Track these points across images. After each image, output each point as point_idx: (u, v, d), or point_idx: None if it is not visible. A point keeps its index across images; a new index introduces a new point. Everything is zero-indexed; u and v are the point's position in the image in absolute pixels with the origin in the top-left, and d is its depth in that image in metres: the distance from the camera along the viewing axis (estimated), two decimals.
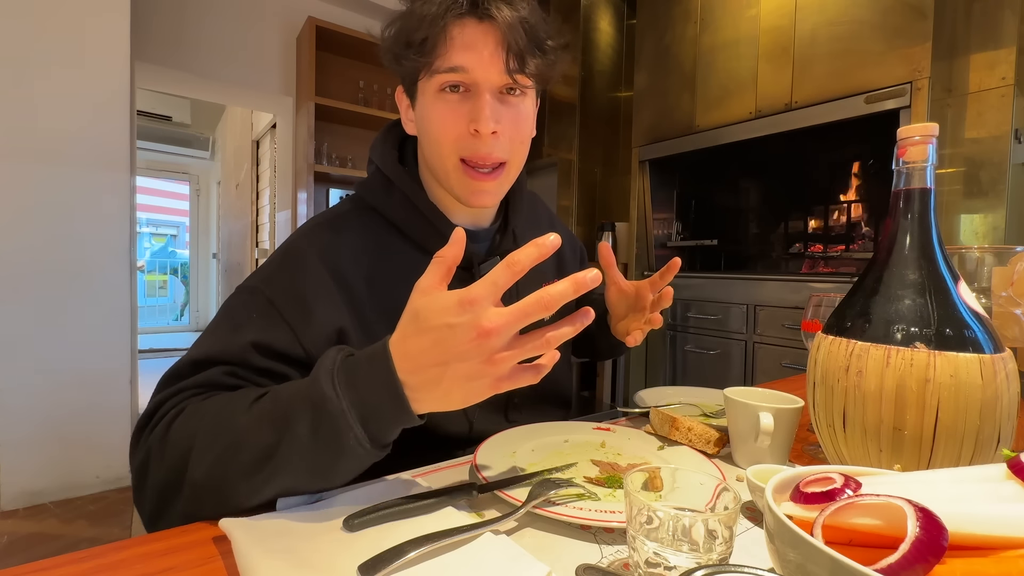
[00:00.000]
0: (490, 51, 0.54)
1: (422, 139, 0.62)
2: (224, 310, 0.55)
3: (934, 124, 0.45)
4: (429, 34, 0.54)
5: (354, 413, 0.39)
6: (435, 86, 0.56)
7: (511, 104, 0.58)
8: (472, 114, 0.56)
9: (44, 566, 0.35)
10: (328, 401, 0.39)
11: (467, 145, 0.57)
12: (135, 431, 0.48)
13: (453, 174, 0.59)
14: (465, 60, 0.54)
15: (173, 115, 4.97)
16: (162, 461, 0.44)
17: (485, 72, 0.55)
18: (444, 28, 0.54)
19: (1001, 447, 0.42)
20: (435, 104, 0.57)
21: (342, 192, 3.05)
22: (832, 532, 0.26)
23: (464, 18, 0.54)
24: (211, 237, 6.18)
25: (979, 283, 0.67)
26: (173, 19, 2.57)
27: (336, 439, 0.39)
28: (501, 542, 0.37)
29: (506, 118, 0.57)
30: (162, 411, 0.47)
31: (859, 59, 1.93)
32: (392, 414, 0.40)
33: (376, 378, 0.39)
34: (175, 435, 0.44)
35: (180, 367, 0.51)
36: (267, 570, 0.33)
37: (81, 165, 1.89)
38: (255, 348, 0.51)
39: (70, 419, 1.90)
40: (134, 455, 0.48)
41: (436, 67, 0.55)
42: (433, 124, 0.58)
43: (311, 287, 0.55)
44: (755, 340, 2.26)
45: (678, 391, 0.83)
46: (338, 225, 0.62)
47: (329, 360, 0.41)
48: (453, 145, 0.57)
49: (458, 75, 0.55)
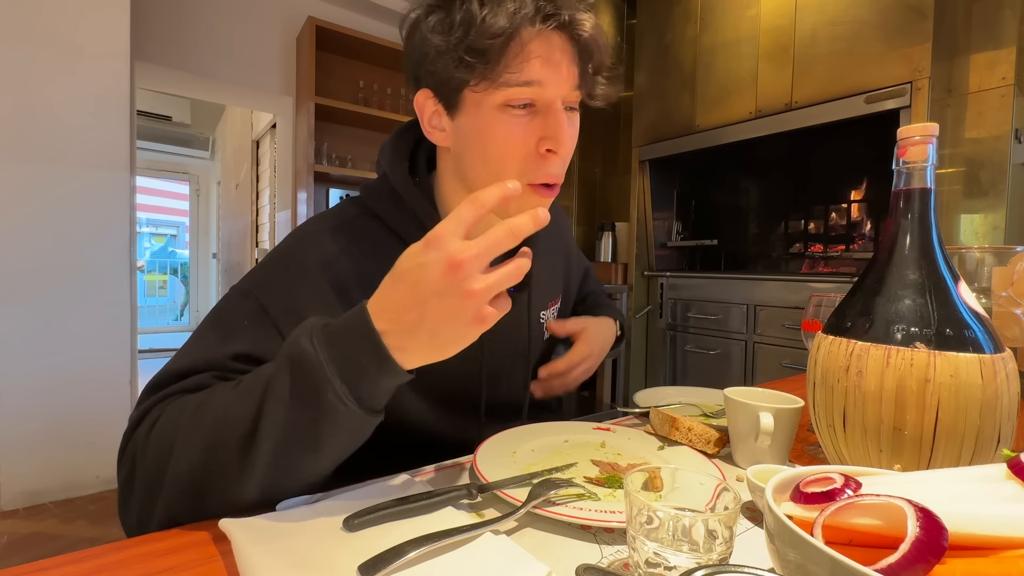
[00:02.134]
0: (566, 67, 0.50)
1: (467, 156, 0.55)
2: (215, 315, 0.53)
3: (934, 124, 0.45)
4: (498, 43, 0.48)
5: (333, 367, 0.38)
6: (499, 100, 0.50)
7: (571, 122, 0.54)
8: (545, 132, 0.51)
9: (44, 566, 0.35)
10: (304, 354, 0.38)
11: (536, 167, 0.52)
12: (121, 444, 0.46)
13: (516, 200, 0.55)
14: (542, 75, 0.49)
15: (173, 115, 4.96)
16: (144, 461, 0.43)
17: (559, 87, 0.50)
18: (520, 38, 0.48)
19: (1001, 447, 0.42)
20: (499, 120, 0.51)
21: (342, 192, 3.05)
22: (832, 532, 0.26)
23: (541, 28, 0.49)
24: (211, 237, 6.18)
25: (979, 283, 0.67)
26: (173, 19, 2.57)
27: (315, 395, 0.38)
28: (501, 542, 0.37)
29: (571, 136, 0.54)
30: (147, 419, 0.45)
31: (859, 59, 1.93)
32: (374, 366, 0.38)
33: (353, 331, 0.38)
34: (158, 433, 0.43)
35: (164, 377, 0.48)
36: (267, 570, 0.33)
37: (81, 165, 1.89)
38: (245, 359, 0.49)
39: (70, 419, 1.90)
40: (120, 468, 0.45)
41: (506, 80, 0.49)
42: (496, 143, 0.52)
43: (308, 297, 0.52)
44: (755, 340, 2.26)
45: (678, 391, 0.83)
46: (340, 231, 0.58)
47: (308, 322, 0.41)
48: (520, 166, 0.52)
49: (532, 90, 0.50)
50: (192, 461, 0.40)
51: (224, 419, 0.40)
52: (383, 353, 0.38)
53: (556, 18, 0.49)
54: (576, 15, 0.50)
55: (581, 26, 0.50)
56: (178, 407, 0.44)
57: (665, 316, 2.66)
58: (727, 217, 2.97)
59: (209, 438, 0.40)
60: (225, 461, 0.40)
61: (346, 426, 0.40)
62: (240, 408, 0.40)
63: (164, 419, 0.43)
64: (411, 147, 0.63)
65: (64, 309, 1.88)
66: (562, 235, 0.83)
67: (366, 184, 0.64)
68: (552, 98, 0.51)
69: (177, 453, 0.41)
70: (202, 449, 0.40)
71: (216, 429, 0.40)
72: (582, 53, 0.52)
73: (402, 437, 0.58)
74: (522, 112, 0.51)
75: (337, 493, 0.45)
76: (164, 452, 0.41)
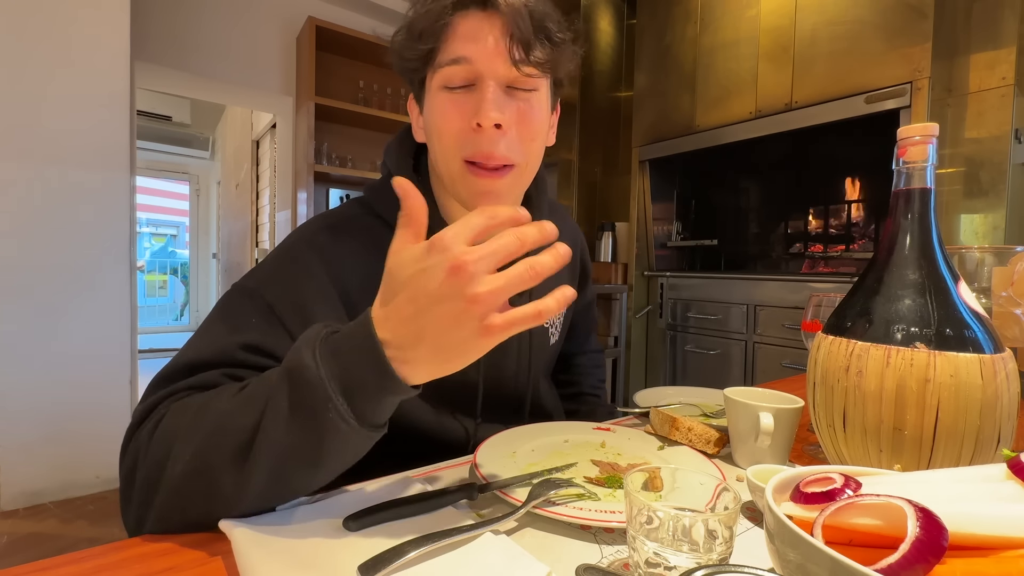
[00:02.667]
0: (495, 41, 0.51)
1: (429, 144, 0.58)
2: (220, 310, 0.52)
3: (934, 124, 0.45)
4: (431, 27, 0.51)
5: (335, 384, 0.36)
6: (439, 83, 0.53)
7: (519, 99, 0.54)
8: (474, 107, 0.52)
9: (44, 566, 0.35)
10: (306, 369, 0.36)
11: (470, 141, 0.53)
12: (124, 439, 0.45)
13: (458, 177, 0.55)
14: (468, 51, 0.51)
15: (173, 115, 4.96)
16: (145, 461, 0.42)
17: (489, 63, 0.51)
18: (447, 20, 0.51)
19: (1001, 447, 0.42)
20: (437, 101, 0.54)
21: (342, 192, 3.05)
22: (832, 532, 0.26)
23: (467, 8, 0.52)
24: (211, 237, 6.18)
25: (979, 283, 0.67)
26: (173, 19, 2.57)
27: (315, 411, 0.36)
28: (501, 542, 0.37)
29: (512, 112, 0.53)
30: (153, 415, 0.44)
31: (859, 59, 1.93)
32: (375, 382, 0.36)
33: (356, 345, 0.36)
34: (160, 433, 0.42)
35: (172, 369, 0.47)
36: (267, 570, 0.33)
37: (81, 165, 1.89)
38: (255, 351, 0.48)
39: (70, 419, 1.90)
40: (122, 463, 0.44)
41: (439, 61, 0.52)
42: (435, 121, 0.54)
43: (312, 296, 0.52)
44: (755, 340, 2.26)
45: (678, 391, 0.83)
46: (343, 230, 0.58)
47: (313, 332, 0.39)
48: (455, 142, 0.53)
49: (461, 67, 0.51)
50: (187, 466, 0.39)
51: (222, 428, 0.39)
52: (386, 369, 0.36)
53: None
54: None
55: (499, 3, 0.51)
56: (182, 407, 0.43)
57: (665, 316, 2.66)
58: (727, 217, 2.97)
59: (205, 444, 0.39)
60: (219, 469, 0.38)
61: (347, 443, 0.38)
62: (239, 417, 0.39)
63: (168, 419, 0.43)
64: (415, 147, 0.64)
65: (64, 309, 1.88)
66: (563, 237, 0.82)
67: (370, 184, 0.64)
68: (481, 72, 0.51)
69: (174, 456, 0.40)
70: (197, 455, 0.39)
71: (213, 437, 0.39)
72: (509, 28, 0.51)
73: (402, 437, 0.58)
74: (459, 92, 0.53)
75: (337, 493, 0.45)
76: (164, 454, 0.40)
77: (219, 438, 0.39)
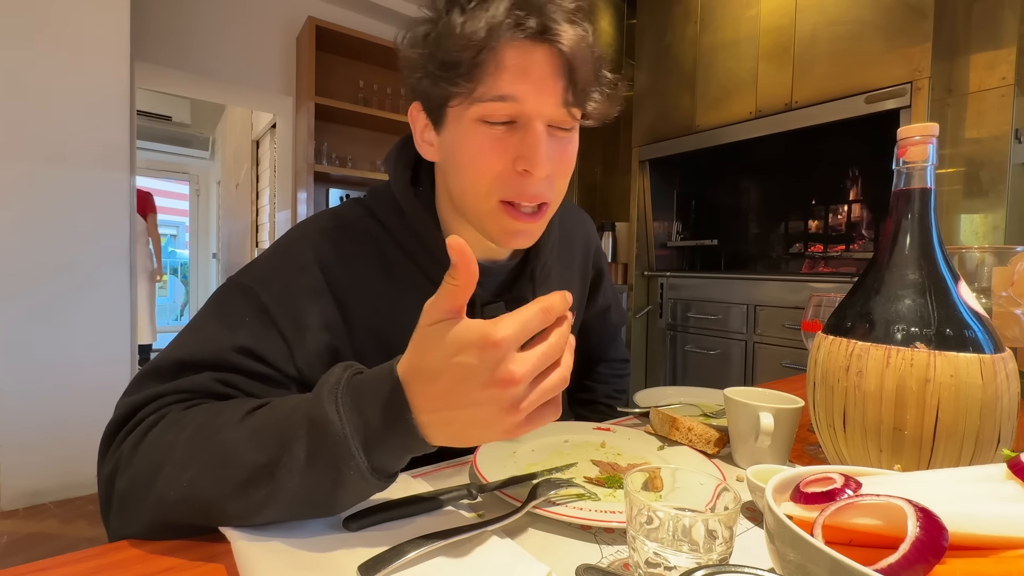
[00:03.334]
0: (547, 79, 0.46)
1: (450, 171, 0.53)
2: (214, 306, 0.50)
3: (934, 124, 0.45)
4: (469, 56, 0.45)
5: (357, 440, 0.35)
6: (475, 115, 0.48)
7: (560, 140, 0.50)
8: (521, 151, 0.47)
9: (44, 566, 0.35)
10: (330, 424, 0.35)
11: (511, 185, 0.49)
12: (104, 438, 0.43)
13: (489, 215, 0.51)
14: (516, 89, 0.46)
15: (173, 115, 4.96)
16: (128, 470, 0.40)
17: (539, 104, 0.47)
18: (494, 49, 0.45)
19: (1001, 447, 0.42)
20: (473, 135, 0.48)
21: (342, 192, 3.04)
22: (832, 532, 0.26)
23: (519, 38, 0.45)
24: (211, 237, 6.18)
25: (979, 283, 0.67)
26: (173, 19, 2.56)
27: (335, 465, 0.35)
28: (501, 542, 0.37)
29: (556, 156, 0.50)
30: (138, 416, 0.42)
31: (859, 59, 1.93)
32: (399, 442, 0.35)
33: (382, 401, 0.35)
34: (148, 445, 0.40)
35: (161, 365, 0.45)
36: (267, 570, 0.33)
37: (81, 165, 1.89)
38: (248, 354, 0.47)
39: (70, 419, 1.90)
40: (102, 465, 0.42)
41: (479, 94, 0.46)
42: (469, 158, 0.49)
43: (306, 298, 0.51)
44: (755, 340, 2.26)
45: (678, 391, 0.83)
46: (342, 233, 0.57)
47: (335, 376, 0.37)
48: (493, 184, 0.49)
49: (507, 105, 0.46)
50: (183, 492, 0.37)
51: (226, 462, 0.37)
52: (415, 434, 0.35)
53: (530, 28, 0.45)
54: (554, 24, 0.45)
55: (561, 36, 0.45)
56: (175, 422, 0.40)
57: (665, 316, 2.65)
58: (727, 217, 2.97)
59: (207, 476, 0.37)
60: (220, 500, 0.37)
61: (360, 494, 0.38)
62: (246, 453, 0.37)
63: (157, 432, 0.40)
64: (415, 156, 0.61)
65: (64, 309, 1.88)
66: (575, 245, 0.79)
67: (374, 187, 0.62)
68: (531, 114, 0.47)
69: (167, 478, 0.38)
70: (195, 483, 0.37)
71: (217, 470, 0.37)
72: (567, 66, 0.46)
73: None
74: (500, 128, 0.48)
75: None
76: (151, 470, 0.38)
77: (223, 471, 0.37)
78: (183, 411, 0.42)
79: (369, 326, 0.55)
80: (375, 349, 0.55)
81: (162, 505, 0.38)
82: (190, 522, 0.38)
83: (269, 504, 0.36)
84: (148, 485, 0.38)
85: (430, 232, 0.57)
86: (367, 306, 0.55)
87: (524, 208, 0.51)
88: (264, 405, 0.40)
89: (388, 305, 0.56)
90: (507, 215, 0.51)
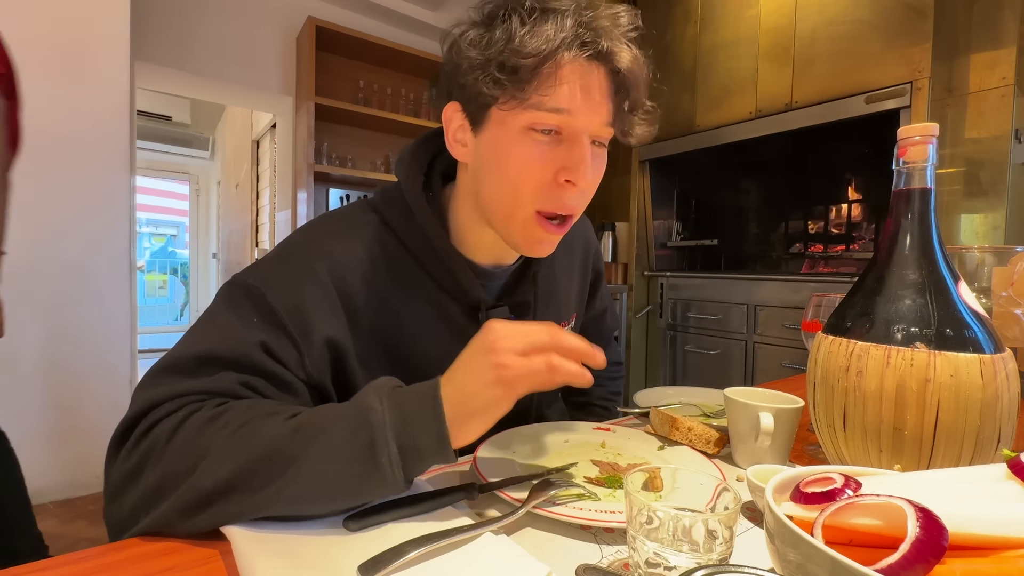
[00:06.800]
0: (600, 97, 0.49)
1: (483, 174, 0.53)
2: (223, 303, 0.50)
3: (934, 124, 0.45)
4: (533, 64, 0.46)
5: (393, 432, 0.39)
6: (524, 122, 0.49)
7: (597, 156, 0.52)
8: (567, 163, 0.49)
9: (44, 566, 0.35)
10: (372, 412, 0.39)
11: (553, 195, 0.51)
12: (120, 433, 0.43)
13: (521, 224, 0.53)
14: (571, 103, 0.48)
15: (173, 115, 4.96)
16: (159, 465, 0.40)
17: (589, 120, 0.49)
18: (558, 61, 0.47)
19: (1001, 447, 0.42)
20: (520, 142, 0.50)
21: (342, 192, 3.04)
22: (832, 532, 0.26)
23: (579, 54, 0.47)
24: (211, 237, 6.18)
25: (979, 283, 0.67)
26: (173, 19, 2.56)
27: (371, 449, 0.38)
28: (501, 542, 0.37)
29: (595, 171, 0.52)
30: (160, 411, 0.42)
31: (859, 59, 1.93)
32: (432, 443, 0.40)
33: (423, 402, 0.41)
34: (184, 441, 0.40)
35: (179, 360, 0.45)
36: (267, 570, 0.33)
37: (81, 165, 1.89)
38: (268, 352, 0.47)
39: (70, 419, 1.90)
40: (121, 460, 0.42)
41: (535, 102, 0.48)
42: (514, 166, 0.50)
43: (313, 302, 0.51)
44: (755, 340, 2.26)
45: (678, 391, 0.83)
46: (349, 235, 0.56)
47: (380, 382, 0.42)
48: (534, 193, 0.51)
49: (559, 117, 0.48)
50: (224, 483, 0.38)
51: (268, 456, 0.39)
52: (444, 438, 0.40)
53: (594, 47, 0.47)
54: (615, 46, 0.48)
55: (619, 58, 0.48)
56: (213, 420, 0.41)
57: (665, 316, 2.65)
58: (727, 217, 2.97)
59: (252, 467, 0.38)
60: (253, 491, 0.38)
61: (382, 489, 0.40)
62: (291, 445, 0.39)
63: (192, 428, 0.40)
64: (429, 159, 0.61)
65: (64, 309, 1.88)
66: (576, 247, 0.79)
67: (383, 188, 0.61)
68: (580, 128, 0.49)
69: (204, 469, 0.38)
70: (239, 473, 0.38)
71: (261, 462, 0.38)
72: (619, 87, 0.50)
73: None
74: (545, 138, 0.49)
75: None
76: (187, 463, 0.39)
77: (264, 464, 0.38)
78: (216, 408, 0.42)
79: (375, 331, 0.55)
80: (381, 353, 0.55)
81: (190, 492, 0.38)
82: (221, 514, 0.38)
83: (293, 489, 0.38)
84: (180, 477, 0.39)
85: (439, 238, 0.57)
86: (373, 310, 0.55)
87: (554, 220, 0.53)
88: (307, 411, 0.42)
89: (395, 310, 0.56)
90: (539, 226, 0.53)
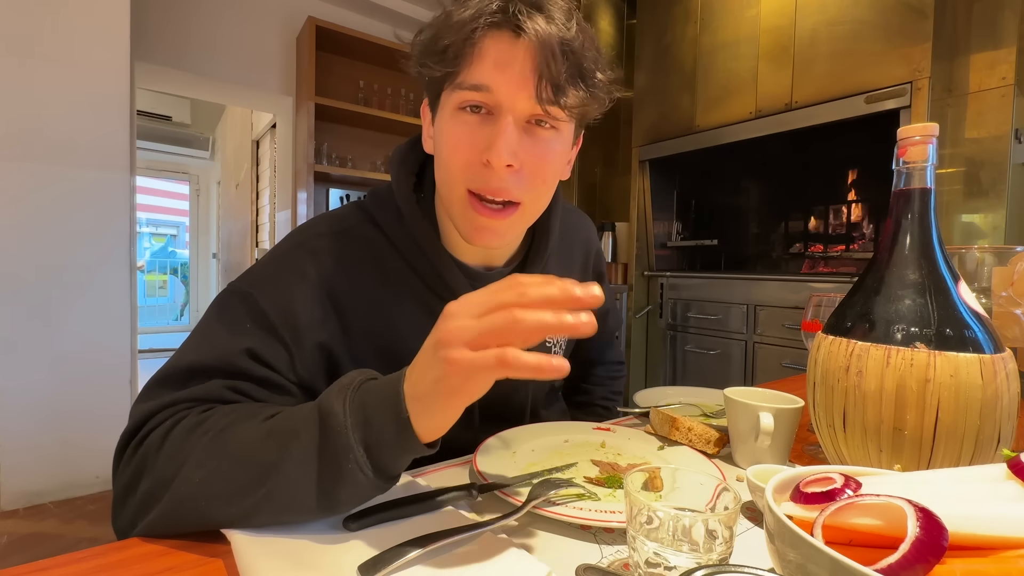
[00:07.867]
0: (521, 73, 0.47)
1: (436, 162, 0.55)
2: (216, 312, 0.51)
3: (934, 124, 0.45)
4: (456, 42, 0.47)
5: (357, 434, 0.36)
6: (455, 103, 0.49)
7: (538, 138, 0.50)
8: (488, 141, 0.48)
9: (44, 566, 0.35)
10: (333, 416, 0.37)
11: (476, 176, 0.50)
12: (119, 446, 0.44)
13: (457, 205, 0.52)
14: (491, 79, 0.47)
15: (173, 115, 4.96)
16: (152, 473, 0.40)
17: (511, 96, 0.47)
18: (474, 38, 0.47)
19: (1001, 447, 0.42)
20: (451, 123, 0.50)
21: (342, 192, 3.04)
22: (832, 532, 0.26)
23: (499, 30, 0.47)
24: (211, 237, 6.18)
25: (979, 283, 0.67)
26: (173, 19, 2.57)
27: (335, 458, 0.36)
28: (501, 542, 0.37)
29: (528, 153, 0.50)
30: (153, 422, 0.43)
31: (859, 59, 1.93)
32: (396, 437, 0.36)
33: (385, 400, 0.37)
34: (170, 447, 0.40)
35: (171, 373, 0.46)
36: (267, 570, 0.33)
37: (81, 165, 1.89)
38: (254, 357, 0.47)
39: (70, 419, 1.90)
40: (120, 471, 0.43)
41: (459, 81, 0.48)
42: (445, 146, 0.51)
43: (304, 305, 0.51)
44: (755, 340, 2.26)
45: (678, 391, 0.83)
46: (342, 239, 0.56)
47: (348, 378, 0.39)
48: (461, 173, 0.50)
49: (480, 94, 0.48)
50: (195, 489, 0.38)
51: (243, 462, 0.38)
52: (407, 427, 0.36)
53: (514, 20, 0.46)
54: (536, 20, 0.46)
55: (539, 32, 0.46)
56: (197, 426, 0.41)
57: (665, 316, 2.65)
58: (727, 217, 2.97)
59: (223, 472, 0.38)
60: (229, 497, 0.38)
61: (362, 491, 0.38)
62: (262, 450, 0.38)
63: (178, 434, 0.41)
64: (421, 159, 0.61)
65: (64, 309, 1.88)
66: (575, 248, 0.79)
67: (375, 190, 0.61)
68: (503, 105, 0.48)
69: (184, 475, 0.39)
70: (209, 479, 0.38)
71: (233, 467, 0.38)
72: (544, 62, 0.46)
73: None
74: (473, 117, 0.49)
75: None
76: (173, 468, 0.39)
77: (236, 469, 0.38)
78: (201, 414, 0.42)
79: (367, 333, 0.55)
80: (373, 356, 0.55)
81: (173, 498, 0.38)
82: (197, 520, 0.38)
83: (272, 498, 0.37)
84: (167, 483, 0.39)
85: (429, 239, 0.57)
86: (365, 313, 0.55)
87: (489, 204, 0.51)
88: (283, 411, 0.41)
89: (386, 312, 0.56)
90: (472, 208, 0.51)
